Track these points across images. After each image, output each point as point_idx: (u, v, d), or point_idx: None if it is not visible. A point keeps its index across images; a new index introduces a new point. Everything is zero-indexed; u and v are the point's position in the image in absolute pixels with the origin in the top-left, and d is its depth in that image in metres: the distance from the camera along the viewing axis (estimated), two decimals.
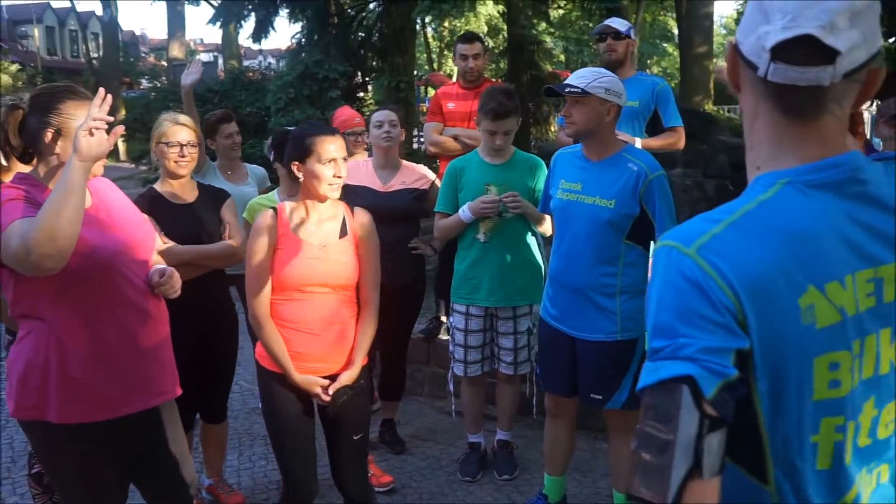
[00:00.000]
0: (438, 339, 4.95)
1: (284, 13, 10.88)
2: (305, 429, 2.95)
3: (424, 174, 4.15)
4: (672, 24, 24.89)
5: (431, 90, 17.03)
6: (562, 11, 18.28)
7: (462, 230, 3.83)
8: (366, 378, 3.01)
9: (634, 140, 4.05)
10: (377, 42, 11.01)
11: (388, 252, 3.96)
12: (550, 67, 12.43)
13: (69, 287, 2.25)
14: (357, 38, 11.04)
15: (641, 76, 4.58)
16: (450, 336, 4.09)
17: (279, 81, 9.82)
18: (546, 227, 3.77)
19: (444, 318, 4.68)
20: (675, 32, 20.96)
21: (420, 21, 10.86)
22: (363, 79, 11.43)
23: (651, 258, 1.15)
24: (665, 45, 32.14)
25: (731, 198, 1.43)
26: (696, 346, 1.03)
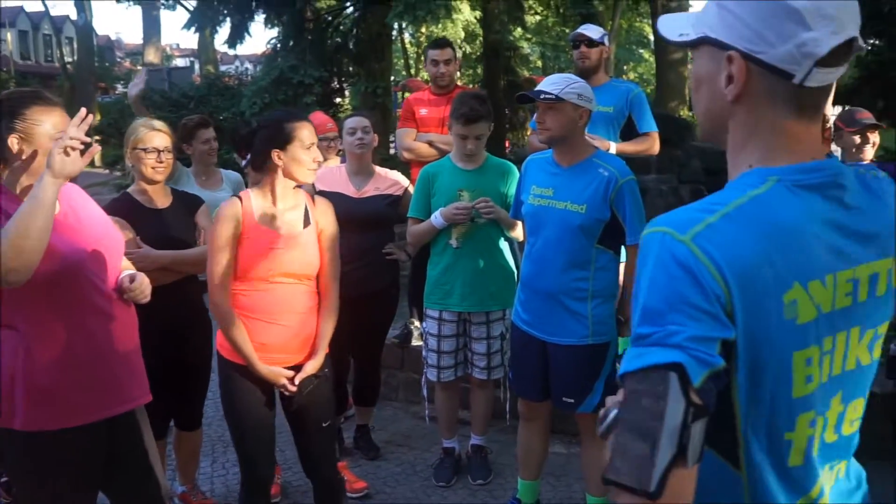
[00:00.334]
0: (412, 345, 4.95)
1: (260, 18, 10.85)
2: (267, 418, 2.99)
3: (398, 180, 4.16)
4: (648, 31, 25.07)
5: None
6: (538, 17, 18.42)
7: (435, 236, 3.84)
8: (328, 366, 3.03)
9: (608, 144, 4.08)
10: (354, 47, 11.01)
11: (363, 258, 3.98)
12: (527, 73, 12.50)
13: (36, 293, 2.22)
14: (334, 43, 11.03)
15: (616, 82, 4.62)
16: (423, 341, 4.10)
17: (254, 86, 9.80)
18: (518, 233, 3.78)
19: (418, 324, 4.68)
20: (651, 38, 21.12)
21: (398, 26, 10.88)
22: (340, 84, 11.42)
23: (638, 245, 1.16)
24: (641, 51, 32.32)
25: None
26: (686, 335, 1.03)
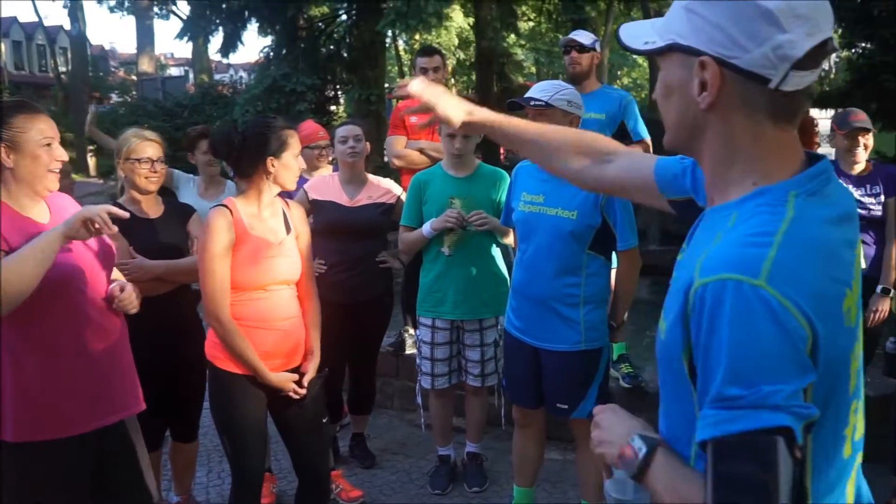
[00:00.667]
0: (407, 353, 4.94)
1: (254, 27, 10.89)
2: (263, 427, 3.02)
3: (390, 188, 4.15)
4: None
5: None
6: (531, 24, 18.46)
7: (426, 244, 3.84)
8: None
9: None
10: (347, 55, 11.04)
11: (356, 266, 3.98)
12: (521, 79, 12.54)
13: (26, 304, 2.22)
14: (327, 51, 11.06)
15: (608, 89, 4.64)
16: (416, 349, 4.10)
17: (247, 95, 9.84)
18: (512, 240, 3.78)
19: (412, 331, 4.68)
20: None
21: (391, 34, 10.91)
22: (334, 92, 11.45)
23: (693, 296, 1.07)
24: (635, 57, 32.37)
25: (700, 209, 1.38)
26: (784, 393, 0.98)
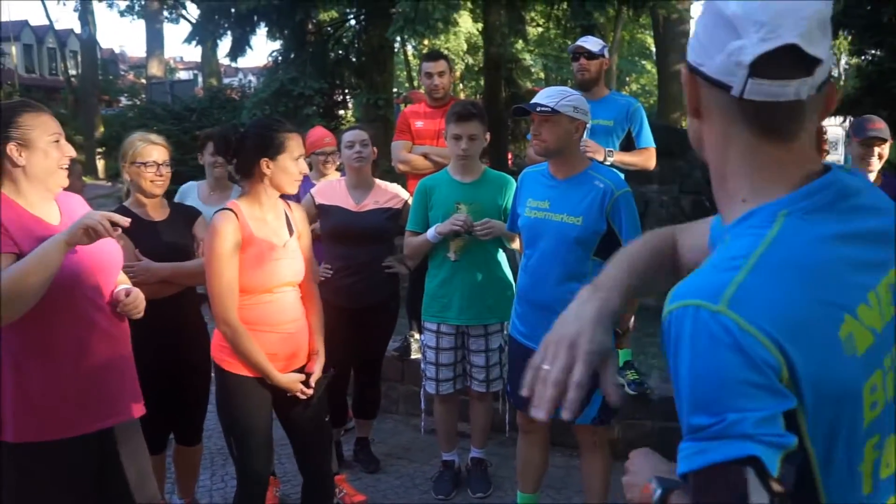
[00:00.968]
0: (412, 358, 4.94)
1: (262, 31, 10.92)
2: (269, 428, 3.03)
3: (397, 193, 4.16)
4: (650, 42, 25.09)
5: None
6: (540, 30, 18.45)
7: (432, 249, 3.84)
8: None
9: (602, 150, 4.05)
10: (355, 60, 11.05)
11: (362, 271, 3.99)
12: (530, 85, 12.51)
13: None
14: (337, 56, 11.07)
15: (616, 96, 4.63)
16: (421, 354, 4.09)
17: (255, 98, 9.86)
18: (518, 244, 3.77)
19: (417, 336, 4.68)
20: (653, 50, 21.15)
21: (400, 39, 10.92)
22: (343, 96, 11.46)
23: (664, 323, 1.03)
24: (643, 63, 32.36)
25: (707, 214, 1.35)
26: (751, 420, 0.93)
